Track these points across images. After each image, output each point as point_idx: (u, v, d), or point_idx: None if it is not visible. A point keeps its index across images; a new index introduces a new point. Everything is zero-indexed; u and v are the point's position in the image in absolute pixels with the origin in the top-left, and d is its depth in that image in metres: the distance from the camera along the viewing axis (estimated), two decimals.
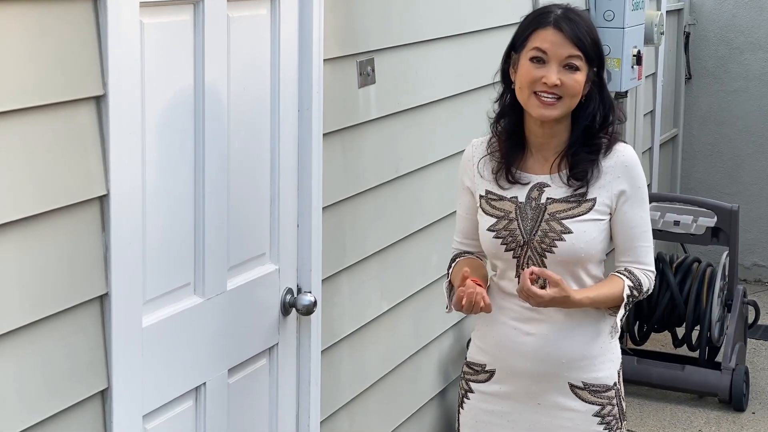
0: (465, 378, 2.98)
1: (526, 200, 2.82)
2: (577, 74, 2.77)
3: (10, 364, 2.20)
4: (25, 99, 2.18)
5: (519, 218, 2.81)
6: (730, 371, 5.51)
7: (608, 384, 2.90)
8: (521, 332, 2.85)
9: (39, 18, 2.20)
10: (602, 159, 2.82)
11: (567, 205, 2.81)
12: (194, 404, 2.81)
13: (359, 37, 3.49)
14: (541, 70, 2.76)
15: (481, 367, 2.95)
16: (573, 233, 2.78)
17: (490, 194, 2.87)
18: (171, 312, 2.67)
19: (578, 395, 2.86)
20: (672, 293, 5.71)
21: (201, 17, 2.69)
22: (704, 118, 7.73)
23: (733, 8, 7.61)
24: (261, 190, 3.03)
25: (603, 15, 5.54)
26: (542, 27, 2.79)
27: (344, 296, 3.54)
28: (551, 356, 2.84)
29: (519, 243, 2.81)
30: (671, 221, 5.78)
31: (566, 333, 2.83)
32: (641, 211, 2.84)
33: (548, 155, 2.85)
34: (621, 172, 2.82)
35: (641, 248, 2.86)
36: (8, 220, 2.16)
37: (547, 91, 2.75)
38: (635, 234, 2.84)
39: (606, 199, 2.81)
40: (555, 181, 2.83)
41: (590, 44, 2.79)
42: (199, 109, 2.72)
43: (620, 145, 2.86)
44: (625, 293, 2.81)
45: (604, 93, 2.85)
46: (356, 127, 3.52)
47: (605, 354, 2.89)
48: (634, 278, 2.84)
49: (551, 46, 2.76)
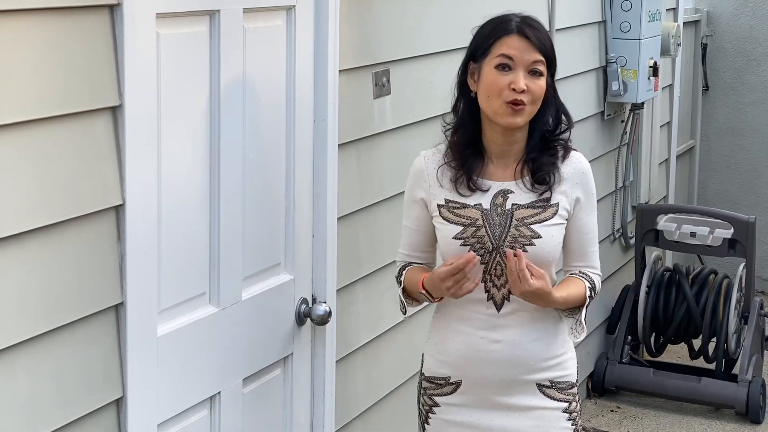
0: (427, 393, 2.96)
1: (492, 206, 2.84)
2: (541, 80, 2.80)
3: (26, 373, 2.21)
4: (42, 109, 2.20)
5: (486, 225, 2.83)
6: (746, 383, 5.49)
7: (572, 381, 2.94)
8: (488, 340, 2.86)
9: (56, 29, 2.22)
10: (561, 165, 2.88)
11: (533, 211, 2.84)
12: (209, 413, 2.81)
13: (374, 48, 3.50)
14: (509, 77, 2.78)
15: (444, 380, 2.93)
16: (542, 237, 2.82)
17: (450, 203, 2.86)
18: (186, 321, 2.68)
19: (546, 394, 2.89)
20: (689, 305, 5.70)
21: (217, 28, 2.71)
22: (721, 129, 7.71)
23: (751, 20, 7.60)
24: (276, 200, 3.04)
25: (619, 26, 5.54)
26: (506, 34, 2.80)
27: (359, 306, 3.54)
28: (521, 360, 2.86)
29: (488, 249, 2.82)
30: (688, 233, 5.77)
31: (532, 335, 2.86)
32: (593, 217, 2.93)
33: (508, 162, 2.87)
34: (579, 179, 2.88)
35: (592, 253, 2.95)
36: (25, 229, 2.17)
37: (516, 98, 2.76)
38: (588, 239, 2.93)
39: (566, 204, 2.87)
40: (519, 187, 2.86)
41: (550, 49, 2.84)
42: (215, 120, 2.74)
43: (576, 153, 2.92)
44: (587, 294, 2.88)
45: (556, 98, 2.89)
46: (371, 137, 3.53)
47: (567, 352, 2.93)
48: (590, 280, 2.92)
49: (517, 52, 2.78)
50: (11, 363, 2.17)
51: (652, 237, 5.82)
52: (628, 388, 5.71)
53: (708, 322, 5.66)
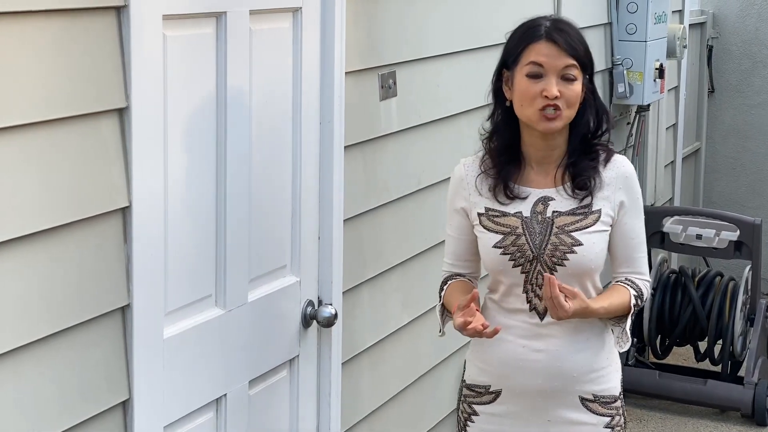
0: (467, 401, 2.92)
1: (532, 214, 2.80)
2: (574, 84, 2.76)
3: (32, 375, 2.21)
4: (49, 111, 2.20)
5: (526, 233, 2.79)
6: (752, 386, 5.49)
7: (615, 394, 2.88)
8: (530, 349, 2.81)
9: (62, 31, 2.22)
10: (602, 170, 2.82)
11: (574, 218, 2.79)
12: (215, 415, 2.81)
13: (381, 50, 3.50)
14: (540, 84, 2.74)
15: (484, 388, 2.89)
16: (583, 245, 2.77)
17: (491, 211, 2.83)
18: (192, 323, 2.68)
19: (589, 408, 2.84)
20: (694, 307, 5.69)
21: (223, 30, 2.71)
22: (727, 131, 7.71)
23: (757, 22, 7.59)
24: (283, 202, 3.04)
25: (625, 28, 5.54)
26: (535, 41, 2.77)
27: (365, 308, 3.54)
28: (563, 371, 2.81)
29: (528, 258, 2.78)
30: (693, 235, 5.77)
31: (576, 346, 2.81)
32: (639, 221, 2.87)
33: (549, 168, 2.83)
34: (622, 184, 2.83)
35: (639, 259, 2.89)
36: (32, 231, 2.17)
37: (549, 104, 2.73)
38: (634, 244, 2.87)
39: (609, 210, 2.81)
40: (560, 193, 2.82)
41: (583, 52, 2.79)
42: (221, 122, 2.74)
43: (618, 156, 2.87)
44: (632, 302, 2.82)
45: (596, 99, 2.85)
46: (378, 139, 3.53)
47: (611, 364, 2.88)
48: (636, 288, 2.85)
49: (547, 58, 2.75)
50: (18, 365, 2.17)
51: (657, 239, 5.81)
52: (634, 390, 5.70)
53: (714, 325, 5.65)
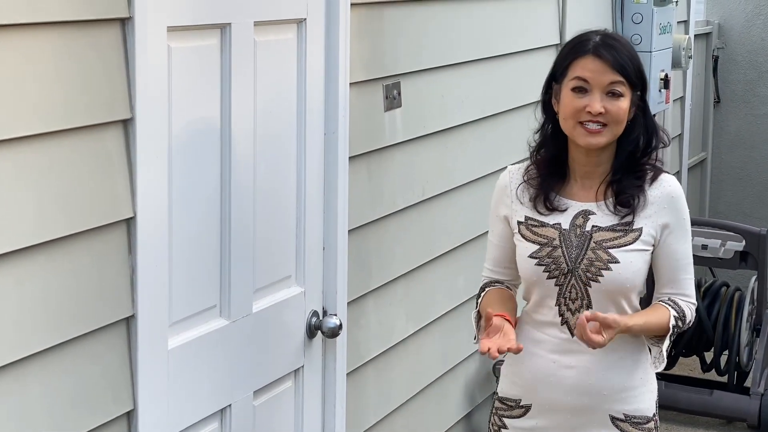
0: (498, 414, 2.90)
1: (571, 227, 2.77)
2: (621, 101, 2.72)
3: (37, 386, 2.21)
4: (54, 122, 2.21)
5: (563, 245, 2.76)
6: (759, 396, 5.47)
7: (648, 415, 2.83)
8: (561, 365, 2.78)
9: (68, 42, 2.23)
10: (648, 188, 2.78)
11: (613, 234, 2.76)
12: (220, 426, 2.81)
13: (385, 61, 3.50)
14: (584, 99, 2.72)
15: (515, 402, 2.86)
16: (620, 263, 2.73)
17: (530, 220, 2.81)
18: (196, 334, 2.68)
19: (619, 428, 2.80)
20: (700, 318, 5.68)
21: (228, 41, 2.71)
22: (733, 141, 7.70)
23: (762, 32, 7.59)
24: (287, 213, 3.05)
25: (630, 38, 5.53)
26: (582, 56, 2.74)
27: (370, 319, 3.54)
28: (593, 388, 2.78)
29: (563, 271, 2.75)
30: (699, 245, 5.76)
31: (608, 364, 2.77)
32: (685, 242, 2.81)
33: (593, 183, 2.80)
34: (667, 203, 2.78)
35: (685, 280, 2.84)
36: (35, 242, 2.18)
37: (592, 120, 2.71)
38: (679, 266, 2.82)
39: (651, 230, 2.77)
40: (601, 209, 2.78)
41: (632, 69, 2.74)
42: (226, 133, 2.74)
43: (666, 176, 2.82)
44: (671, 323, 2.77)
45: (647, 117, 2.80)
46: (382, 150, 3.53)
47: (645, 384, 2.83)
48: (679, 309, 2.81)
49: (592, 74, 2.72)
50: (23, 376, 2.17)
51: None
52: None
53: (720, 335, 5.65)
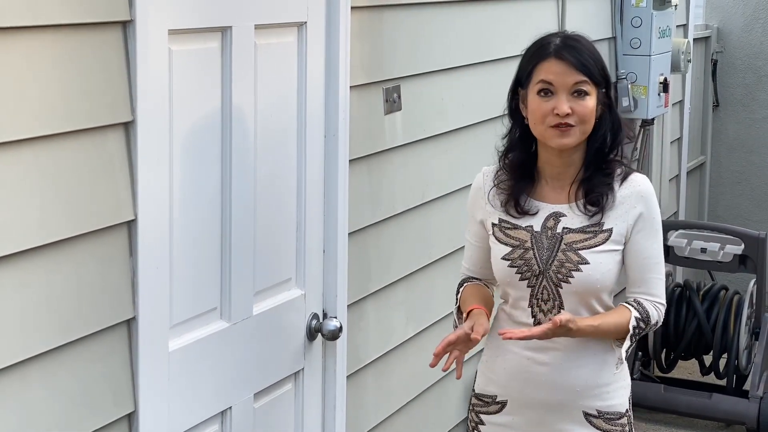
0: (474, 410, 2.94)
1: (542, 229, 2.80)
2: (587, 99, 2.75)
3: (38, 388, 2.22)
4: (56, 125, 2.21)
5: (535, 247, 2.79)
6: (757, 399, 5.48)
7: (621, 411, 2.86)
8: (535, 362, 2.82)
9: (69, 45, 2.23)
10: (618, 188, 2.81)
11: (584, 236, 2.78)
12: (220, 428, 2.82)
13: (385, 64, 3.51)
14: (551, 102, 2.74)
15: (491, 398, 2.90)
16: (590, 264, 2.76)
17: (504, 222, 2.84)
18: (197, 336, 2.69)
19: (593, 423, 2.83)
20: (699, 321, 5.69)
21: (229, 44, 2.72)
22: (732, 145, 7.71)
23: (761, 36, 7.60)
24: (287, 216, 3.05)
25: (630, 42, 5.54)
26: (544, 59, 2.77)
27: (370, 321, 3.55)
28: (566, 384, 2.81)
29: (534, 272, 2.79)
30: (698, 249, 5.77)
31: (579, 361, 2.81)
32: (655, 242, 2.82)
33: (563, 184, 2.83)
34: (636, 201, 2.80)
35: (652, 279, 2.83)
36: (37, 244, 2.18)
37: (560, 122, 2.73)
38: (647, 265, 2.82)
39: (622, 229, 2.79)
40: (573, 210, 2.81)
41: (595, 68, 2.77)
42: (227, 135, 2.75)
43: (636, 175, 2.84)
44: (631, 324, 2.77)
45: (613, 113, 2.83)
46: (382, 153, 3.54)
47: (617, 381, 2.86)
48: (642, 309, 2.80)
49: (556, 76, 2.74)
50: (24, 377, 2.18)
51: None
52: (639, 404, 5.67)
53: (719, 338, 5.65)
